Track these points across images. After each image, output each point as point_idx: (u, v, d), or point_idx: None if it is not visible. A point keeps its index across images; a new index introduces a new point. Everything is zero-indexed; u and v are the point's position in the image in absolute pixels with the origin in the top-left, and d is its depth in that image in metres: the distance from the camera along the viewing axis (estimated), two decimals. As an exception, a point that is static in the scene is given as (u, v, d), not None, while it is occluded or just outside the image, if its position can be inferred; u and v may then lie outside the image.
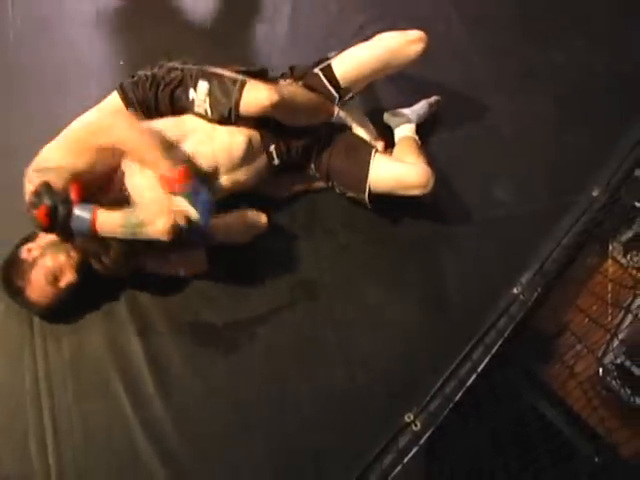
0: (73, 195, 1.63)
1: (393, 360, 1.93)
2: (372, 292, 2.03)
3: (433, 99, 2.33)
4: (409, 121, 2.22)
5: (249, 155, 1.93)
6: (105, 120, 1.76)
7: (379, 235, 2.10)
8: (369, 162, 1.97)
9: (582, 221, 2.13)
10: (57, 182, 1.63)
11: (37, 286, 1.76)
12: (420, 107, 2.29)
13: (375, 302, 2.01)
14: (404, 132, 2.20)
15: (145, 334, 1.90)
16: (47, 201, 1.59)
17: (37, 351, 1.86)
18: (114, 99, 1.89)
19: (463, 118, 2.39)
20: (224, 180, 1.91)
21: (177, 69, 1.88)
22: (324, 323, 1.96)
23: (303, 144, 2.02)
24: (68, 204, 1.61)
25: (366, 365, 1.91)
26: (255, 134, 1.94)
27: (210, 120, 1.87)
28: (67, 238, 1.69)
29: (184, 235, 1.67)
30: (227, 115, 1.84)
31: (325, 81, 1.98)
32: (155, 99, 1.87)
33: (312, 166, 2.07)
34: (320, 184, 2.13)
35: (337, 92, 2.00)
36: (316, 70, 2.00)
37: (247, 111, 1.82)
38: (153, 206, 1.68)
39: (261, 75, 1.95)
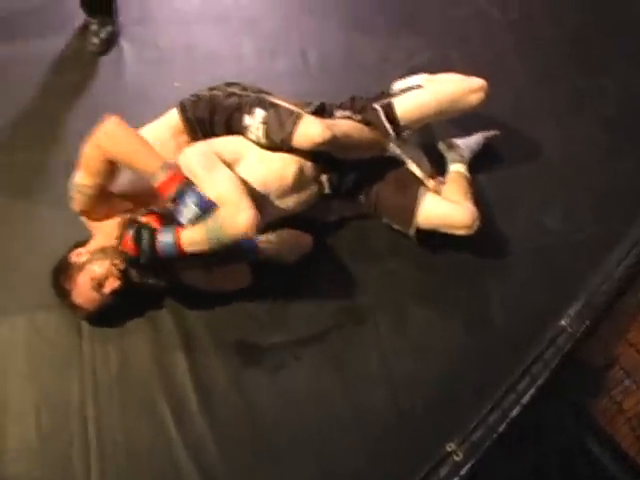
0: (154, 223, 1.74)
1: (437, 387, 1.92)
2: (418, 318, 2.03)
3: (490, 134, 2.33)
4: (462, 159, 2.23)
5: (300, 183, 1.96)
6: (100, 131, 1.70)
7: (426, 261, 2.10)
8: (418, 200, 1.98)
9: (633, 253, 2.09)
10: (84, 200, 1.75)
11: (83, 291, 1.80)
12: (474, 141, 2.29)
13: (420, 328, 2.01)
14: (456, 168, 2.20)
15: (190, 350, 1.92)
16: (130, 230, 1.69)
17: (85, 363, 1.89)
18: (172, 115, 1.94)
19: (512, 144, 2.37)
20: (273, 205, 1.93)
21: (235, 95, 1.93)
22: (368, 347, 1.96)
23: (355, 175, 2.04)
24: (151, 229, 1.70)
25: (409, 391, 1.90)
26: (308, 163, 1.96)
27: (262, 146, 1.90)
28: (156, 263, 1.73)
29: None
30: (279, 144, 1.86)
31: (384, 118, 1.98)
32: (211, 122, 1.90)
33: (362, 196, 2.08)
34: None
35: (394, 130, 2.00)
36: (376, 106, 2.00)
37: (299, 145, 1.84)
38: (229, 207, 1.69)
39: (319, 111, 1.97)
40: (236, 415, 1.85)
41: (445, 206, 1.98)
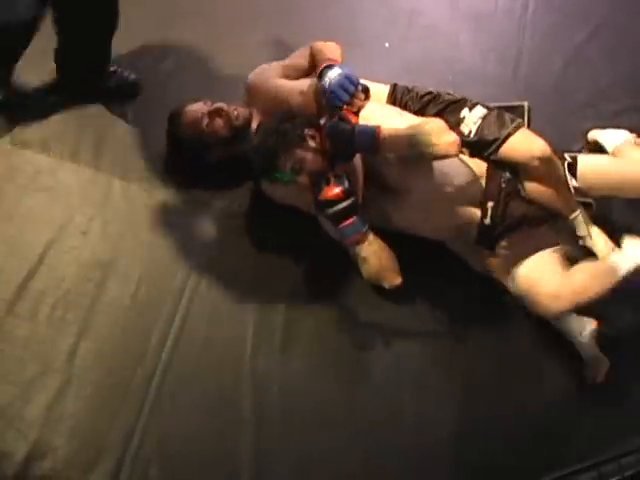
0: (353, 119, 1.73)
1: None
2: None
3: None
4: None
5: (463, 196, 1.87)
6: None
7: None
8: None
9: None
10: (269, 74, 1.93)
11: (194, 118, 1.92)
12: None
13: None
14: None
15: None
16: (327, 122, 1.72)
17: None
18: (383, 88, 1.98)
19: None
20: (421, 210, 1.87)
21: (455, 96, 1.93)
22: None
23: (521, 215, 1.88)
24: (348, 122, 1.69)
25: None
26: (483, 178, 1.88)
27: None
28: (351, 154, 1.72)
29: None
30: (487, 143, 1.82)
31: (567, 171, 1.89)
32: (422, 110, 1.92)
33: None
34: None
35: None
36: (567, 156, 1.91)
37: (510, 151, 1.80)
38: (437, 122, 1.71)
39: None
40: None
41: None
